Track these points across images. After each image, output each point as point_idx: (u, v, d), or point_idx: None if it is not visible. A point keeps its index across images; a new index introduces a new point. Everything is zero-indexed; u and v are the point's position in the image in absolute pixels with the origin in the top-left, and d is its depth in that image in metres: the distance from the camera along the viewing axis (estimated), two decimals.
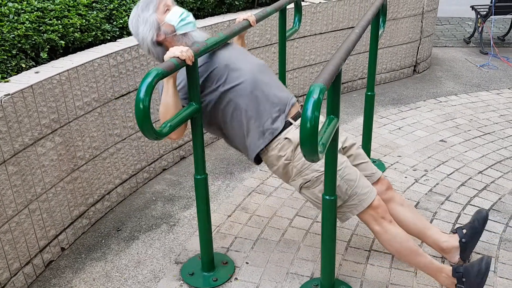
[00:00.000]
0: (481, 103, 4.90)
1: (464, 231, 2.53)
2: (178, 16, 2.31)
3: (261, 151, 2.35)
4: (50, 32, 2.84)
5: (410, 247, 2.30)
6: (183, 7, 3.82)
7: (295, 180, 2.33)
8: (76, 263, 2.72)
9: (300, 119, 2.15)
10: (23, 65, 2.67)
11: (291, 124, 2.32)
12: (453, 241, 2.52)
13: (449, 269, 2.33)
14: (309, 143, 1.59)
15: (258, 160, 2.41)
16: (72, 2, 3.20)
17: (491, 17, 6.66)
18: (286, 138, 2.30)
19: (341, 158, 2.30)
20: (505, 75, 5.78)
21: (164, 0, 2.33)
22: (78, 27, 3.03)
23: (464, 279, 2.27)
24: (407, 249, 2.30)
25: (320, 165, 2.26)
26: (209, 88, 2.31)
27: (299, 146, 2.19)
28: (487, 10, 6.66)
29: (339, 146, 2.34)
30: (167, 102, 2.19)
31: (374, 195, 2.30)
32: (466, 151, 3.86)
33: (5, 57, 2.59)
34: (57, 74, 2.61)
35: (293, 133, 2.30)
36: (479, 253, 2.65)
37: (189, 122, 2.27)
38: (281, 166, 2.33)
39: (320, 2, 4.64)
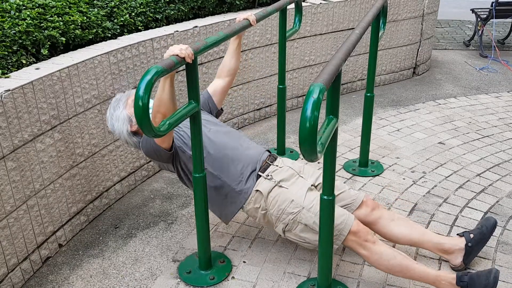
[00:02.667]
0: (480, 106, 4.91)
1: (472, 235, 2.52)
2: None
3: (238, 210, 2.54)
4: (51, 28, 2.84)
5: (400, 263, 2.31)
6: (185, 6, 3.83)
7: (277, 226, 2.47)
8: (74, 259, 2.73)
9: (268, 169, 2.49)
10: (24, 61, 2.67)
11: (260, 176, 2.50)
12: (459, 243, 2.51)
13: (449, 276, 2.30)
14: (308, 143, 1.59)
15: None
16: None
17: (491, 20, 6.67)
18: (257, 190, 2.47)
19: (311, 196, 2.42)
20: (504, 79, 5.79)
21: (132, 95, 2.57)
22: (79, 24, 3.03)
23: None
24: (397, 266, 2.31)
25: (293, 207, 2.39)
26: (180, 159, 2.51)
27: (269, 195, 2.43)
28: (487, 13, 6.67)
29: (309, 185, 2.48)
30: (162, 98, 2.24)
31: (352, 221, 2.35)
32: (464, 154, 3.86)
33: (6, 53, 2.59)
34: (58, 71, 2.61)
35: (262, 184, 2.47)
36: (477, 256, 2.65)
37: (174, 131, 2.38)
38: (261, 216, 2.52)
39: (320, 3, 4.65)
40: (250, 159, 2.54)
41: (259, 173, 2.51)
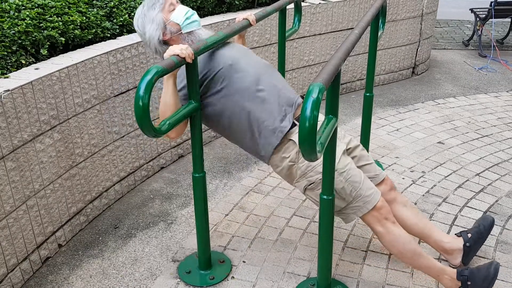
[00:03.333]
0: (479, 105, 4.91)
1: (469, 235, 2.52)
2: (183, 14, 2.31)
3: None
4: (50, 28, 2.84)
5: (413, 248, 2.30)
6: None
7: (299, 182, 2.33)
8: (73, 259, 2.73)
9: None
10: (23, 61, 2.67)
11: (295, 125, 2.31)
12: (457, 243, 2.52)
13: (452, 271, 2.32)
14: (307, 142, 1.60)
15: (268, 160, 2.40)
16: None
17: (490, 20, 6.68)
18: (290, 139, 2.29)
19: (345, 160, 2.30)
20: (503, 78, 5.80)
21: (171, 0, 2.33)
22: (78, 24, 3.03)
23: (469, 283, 2.27)
24: (409, 251, 2.30)
25: None
26: (214, 89, 2.30)
27: None
28: (486, 13, 6.67)
29: (344, 147, 2.35)
30: (166, 101, 2.19)
31: (378, 197, 2.30)
32: (463, 153, 3.87)
33: (5, 53, 2.59)
34: (57, 71, 2.61)
35: (297, 134, 2.27)
36: (476, 255, 2.65)
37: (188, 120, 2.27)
38: (285, 167, 2.33)
39: (320, 3, 4.65)
40: (286, 98, 2.32)
41: (295, 121, 2.30)
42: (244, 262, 2.67)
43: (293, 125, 2.31)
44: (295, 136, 2.28)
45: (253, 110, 2.28)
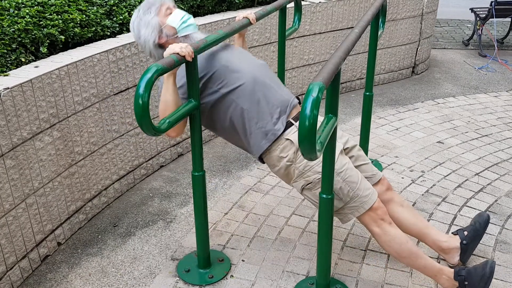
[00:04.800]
0: (479, 105, 4.92)
1: (466, 233, 2.53)
2: (179, 18, 2.33)
3: (263, 152, 2.34)
4: (50, 27, 2.83)
5: (410, 248, 2.30)
6: (184, 5, 3.83)
7: (296, 182, 2.33)
8: (72, 258, 2.73)
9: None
10: (23, 59, 2.67)
11: (292, 124, 2.31)
12: (454, 242, 2.52)
13: (449, 271, 2.32)
14: (307, 141, 1.60)
15: (260, 159, 2.42)
16: None
17: (490, 19, 6.68)
18: (287, 139, 2.29)
19: (343, 160, 2.30)
20: (503, 78, 5.80)
21: (166, 3, 2.34)
22: (78, 22, 3.03)
23: (466, 283, 2.27)
24: (406, 251, 2.30)
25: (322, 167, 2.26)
26: (210, 89, 2.31)
27: None
28: (486, 12, 6.67)
29: (341, 147, 2.35)
30: (167, 100, 2.19)
31: (375, 197, 2.31)
32: (463, 153, 3.87)
33: (5, 51, 2.59)
34: (57, 69, 2.61)
35: (295, 134, 2.28)
36: (475, 255, 2.66)
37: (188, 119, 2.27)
38: (283, 167, 2.33)
39: (320, 2, 4.65)
40: (280, 100, 2.33)
41: (291, 120, 2.32)
42: (243, 261, 2.67)
43: (290, 124, 2.31)
44: (292, 136, 2.28)
45: (248, 110, 2.29)
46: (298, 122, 2.30)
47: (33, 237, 2.59)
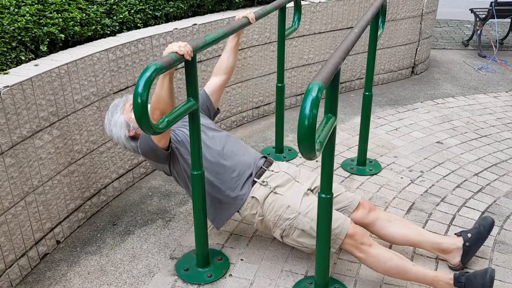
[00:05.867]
0: (478, 105, 4.92)
1: (469, 235, 2.52)
2: None
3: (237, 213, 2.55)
4: (50, 25, 2.84)
5: (396, 264, 2.31)
6: (184, 4, 3.83)
7: (275, 232, 2.49)
8: (71, 256, 2.73)
9: (264, 174, 2.50)
10: (23, 58, 2.67)
11: (255, 182, 2.51)
12: (457, 242, 2.52)
13: (447, 277, 2.29)
14: (306, 141, 1.60)
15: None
16: None
17: (490, 20, 6.68)
18: (253, 197, 2.47)
19: (307, 201, 2.42)
20: (502, 78, 5.80)
21: (130, 99, 2.58)
22: (78, 21, 3.03)
23: None
24: (394, 268, 2.32)
25: (289, 213, 2.40)
26: (182, 159, 2.51)
27: (265, 201, 2.44)
28: (486, 13, 6.68)
29: (305, 189, 2.48)
30: (160, 95, 2.24)
31: (348, 224, 2.36)
32: (462, 153, 3.87)
33: (5, 49, 2.59)
34: (56, 67, 2.61)
35: (258, 190, 2.48)
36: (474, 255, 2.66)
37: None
38: (258, 222, 2.52)
39: (319, 2, 4.65)
40: (246, 165, 2.55)
41: (255, 179, 2.52)
42: (242, 260, 2.68)
43: (254, 183, 2.51)
44: (256, 193, 2.48)
45: (214, 182, 2.50)
46: (260, 178, 2.52)
47: (32, 235, 2.60)
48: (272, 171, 2.56)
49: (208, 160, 2.50)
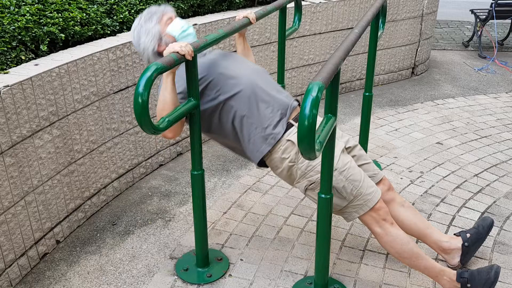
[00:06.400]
0: (478, 106, 4.92)
1: (468, 235, 2.53)
2: (179, 27, 2.35)
3: (265, 155, 2.35)
4: (50, 25, 2.84)
5: (411, 249, 2.30)
6: (184, 4, 3.83)
7: (299, 182, 2.33)
8: (71, 256, 2.73)
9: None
10: (23, 57, 2.67)
11: (292, 125, 2.32)
12: (456, 243, 2.52)
13: (451, 272, 2.31)
14: (306, 141, 1.60)
15: (262, 163, 2.42)
16: None
17: (490, 21, 6.68)
18: (288, 140, 2.30)
19: (345, 159, 2.30)
20: (502, 79, 5.80)
21: (168, 12, 2.37)
22: (79, 20, 3.03)
23: (469, 285, 2.26)
24: (408, 252, 2.30)
25: None
26: (209, 97, 2.33)
27: None
28: (486, 14, 6.68)
29: (343, 146, 2.35)
30: (165, 98, 2.19)
31: (379, 196, 2.31)
32: (462, 154, 3.87)
33: (5, 48, 2.59)
34: (57, 67, 2.61)
35: (296, 135, 2.29)
36: (473, 256, 2.66)
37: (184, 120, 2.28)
38: (285, 168, 2.33)
39: (320, 2, 4.65)
40: (280, 103, 2.34)
41: (291, 121, 2.33)
42: (241, 260, 2.68)
43: (290, 125, 2.32)
44: (293, 137, 2.29)
45: (247, 116, 2.31)
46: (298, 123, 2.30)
47: (32, 235, 2.60)
48: None
49: (242, 91, 2.30)
